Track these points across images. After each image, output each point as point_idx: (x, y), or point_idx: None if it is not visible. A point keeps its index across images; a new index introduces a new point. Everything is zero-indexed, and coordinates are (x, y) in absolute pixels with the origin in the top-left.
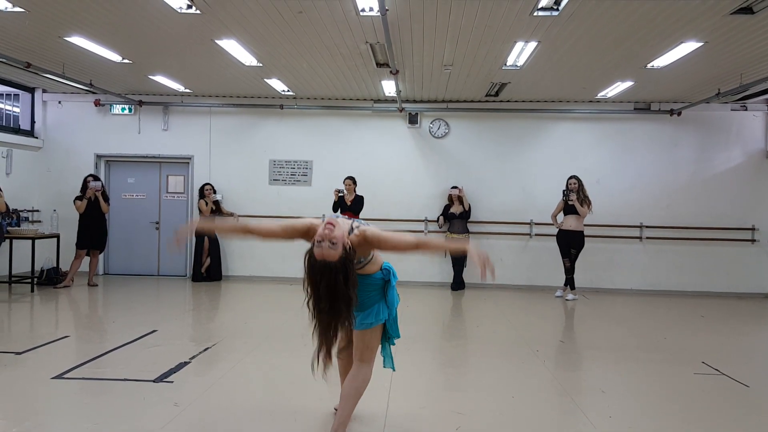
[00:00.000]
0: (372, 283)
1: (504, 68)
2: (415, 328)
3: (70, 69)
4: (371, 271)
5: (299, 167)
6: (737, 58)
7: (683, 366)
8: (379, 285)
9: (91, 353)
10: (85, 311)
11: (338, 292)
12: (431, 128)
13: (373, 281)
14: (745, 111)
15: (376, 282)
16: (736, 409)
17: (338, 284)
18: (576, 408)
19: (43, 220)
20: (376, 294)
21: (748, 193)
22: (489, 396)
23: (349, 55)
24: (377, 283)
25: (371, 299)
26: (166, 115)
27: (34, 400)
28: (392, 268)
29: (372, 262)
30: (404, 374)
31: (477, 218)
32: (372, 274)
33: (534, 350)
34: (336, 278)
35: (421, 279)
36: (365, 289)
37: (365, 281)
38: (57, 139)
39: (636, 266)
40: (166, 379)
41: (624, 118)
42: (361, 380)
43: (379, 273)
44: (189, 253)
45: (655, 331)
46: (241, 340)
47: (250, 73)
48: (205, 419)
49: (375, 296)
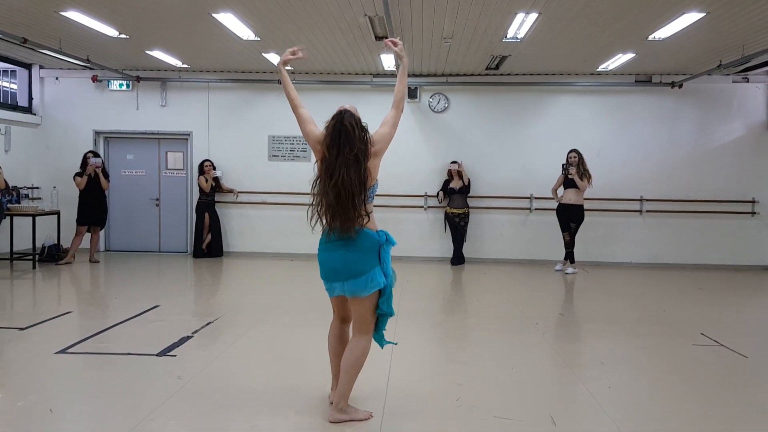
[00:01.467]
0: (367, 241)
1: (504, 41)
2: (415, 303)
3: (67, 44)
4: (368, 226)
5: (298, 143)
6: (739, 29)
7: (682, 338)
8: (375, 246)
9: (93, 328)
10: (86, 287)
11: (353, 139)
12: (431, 102)
13: (368, 239)
14: (746, 83)
15: (372, 241)
16: (734, 380)
17: (354, 131)
18: (575, 379)
19: (43, 197)
20: (371, 258)
21: (748, 166)
22: (489, 368)
23: (347, 29)
24: (373, 243)
25: (366, 263)
26: (164, 91)
27: (38, 375)
28: (389, 235)
29: (370, 217)
30: (405, 348)
31: (477, 193)
32: (368, 230)
33: (534, 323)
34: (353, 127)
35: (421, 254)
36: (360, 248)
37: (361, 238)
38: (55, 115)
39: (636, 239)
40: (169, 353)
41: (625, 91)
42: (359, 352)
43: (374, 233)
44: (190, 230)
45: (655, 304)
46: (243, 315)
47: (248, 47)
48: (208, 392)
49: (370, 260)
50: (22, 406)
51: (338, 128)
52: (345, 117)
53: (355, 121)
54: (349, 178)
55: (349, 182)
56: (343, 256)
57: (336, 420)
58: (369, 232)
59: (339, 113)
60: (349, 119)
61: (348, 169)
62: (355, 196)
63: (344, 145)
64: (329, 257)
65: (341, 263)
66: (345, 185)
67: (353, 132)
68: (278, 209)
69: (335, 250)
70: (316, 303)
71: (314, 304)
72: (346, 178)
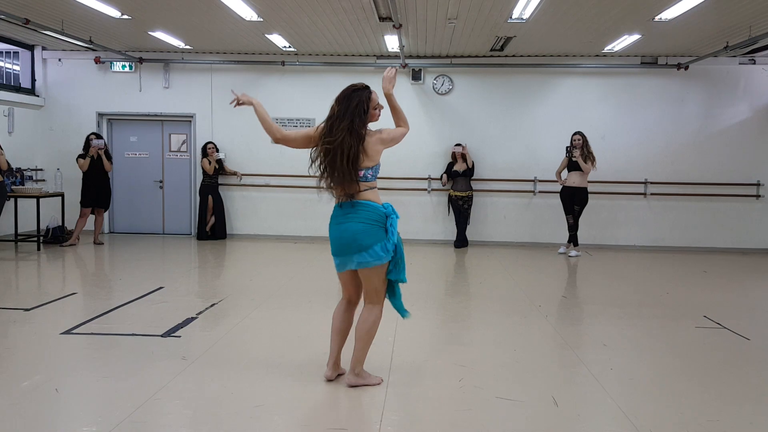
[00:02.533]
0: (373, 213)
1: (509, 21)
2: (419, 286)
3: (69, 25)
4: (371, 198)
5: (302, 125)
6: (746, 10)
7: (685, 320)
8: (382, 219)
9: (98, 309)
10: (91, 269)
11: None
12: (435, 84)
13: (374, 211)
14: (753, 65)
15: (378, 213)
16: (737, 362)
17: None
18: (578, 361)
19: (47, 179)
20: (377, 230)
21: (754, 149)
22: (491, 350)
23: (351, 9)
24: (379, 215)
25: (373, 236)
26: (167, 73)
27: (44, 355)
28: (392, 207)
29: (373, 191)
30: (408, 329)
31: (481, 176)
32: (373, 203)
33: (536, 306)
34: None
35: (424, 237)
36: (366, 220)
37: (367, 211)
38: (58, 97)
39: (640, 222)
40: (173, 334)
41: (630, 73)
42: (371, 322)
43: (379, 205)
44: (193, 212)
45: (658, 287)
46: (247, 296)
47: (251, 28)
48: (213, 372)
49: (377, 232)
50: (27, 385)
51: (359, 95)
52: (369, 91)
53: (366, 99)
54: (347, 144)
55: (346, 148)
56: (351, 228)
57: (353, 383)
58: (374, 205)
59: (363, 86)
60: (371, 94)
61: (349, 136)
62: (352, 160)
63: (350, 112)
64: (338, 230)
65: (350, 235)
66: (344, 146)
67: (364, 105)
68: (281, 192)
69: (343, 222)
70: (320, 285)
71: (317, 285)
72: (346, 140)
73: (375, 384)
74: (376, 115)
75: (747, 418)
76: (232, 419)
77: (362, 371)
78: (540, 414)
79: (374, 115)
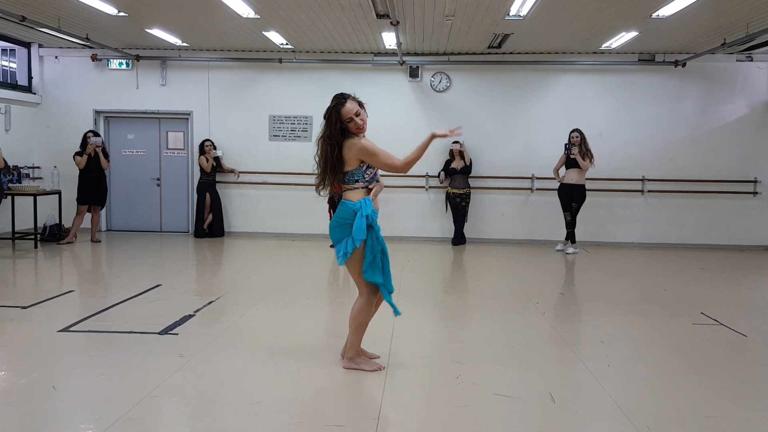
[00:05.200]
0: (343, 211)
1: (507, 18)
2: (416, 283)
3: (66, 23)
4: (350, 197)
5: (299, 122)
6: (743, 7)
7: (682, 317)
8: (350, 216)
9: (96, 307)
10: (88, 267)
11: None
12: (432, 82)
13: (345, 208)
14: (750, 62)
15: (347, 210)
16: (734, 358)
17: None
18: (575, 358)
19: (44, 176)
20: (345, 227)
21: (751, 146)
22: (489, 346)
23: (348, 6)
24: (348, 214)
25: (340, 232)
26: (164, 70)
27: (41, 353)
28: (370, 204)
29: (355, 191)
30: (405, 326)
31: (478, 173)
32: (347, 201)
33: (534, 303)
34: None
35: (422, 234)
36: (338, 217)
37: (340, 208)
38: (55, 94)
39: (637, 219)
40: (171, 331)
41: (628, 70)
42: (356, 311)
43: (352, 204)
44: (191, 210)
45: (655, 284)
46: (245, 294)
47: (248, 25)
48: (210, 370)
49: (344, 229)
50: (24, 383)
51: (330, 110)
52: (339, 104)
53: (336, 113)
54: (324, 151)
55: (323, 155)
56: (330, 224)
57: (347, 366)
58: (347, 203)
59: (342, 97)
60: (339, 107)
61: (325, 144)
62: (328, 168)
63: (325, 124)
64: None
65: (330, 231)
66: (322, 154)
67: (333, 118)
68: (279, 189)
69: (332, 218)
70: (317, 283)
71: (315, 283)
72: (323, 150)
73: (370, 370)
74: (355, 125)
75: (743, 413)
76: (230, 416)
77: (355, 356)
78: (537, 410)
79: (351, 126)
